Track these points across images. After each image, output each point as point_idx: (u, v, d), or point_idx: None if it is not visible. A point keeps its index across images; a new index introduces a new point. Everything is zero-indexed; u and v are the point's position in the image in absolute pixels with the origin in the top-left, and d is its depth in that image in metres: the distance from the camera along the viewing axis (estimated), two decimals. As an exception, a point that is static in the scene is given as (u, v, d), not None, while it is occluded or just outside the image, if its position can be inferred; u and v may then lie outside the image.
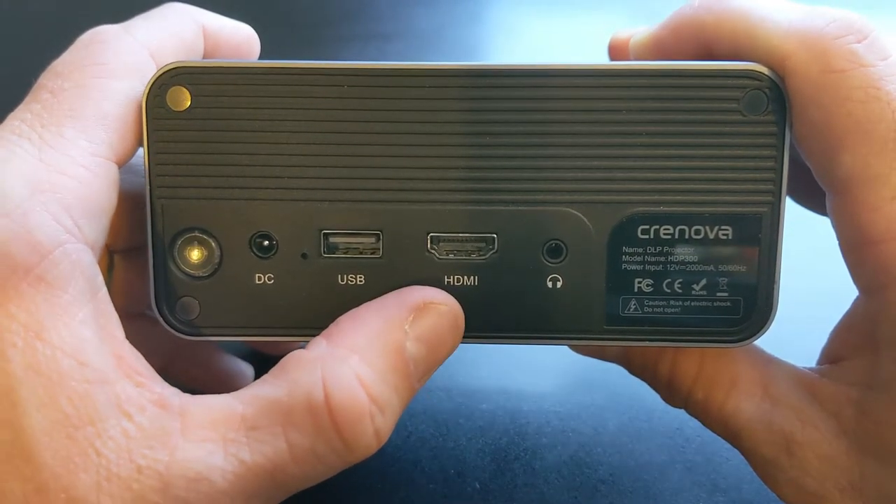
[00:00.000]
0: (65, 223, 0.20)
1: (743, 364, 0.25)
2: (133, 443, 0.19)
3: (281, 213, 0.24)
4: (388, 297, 0.23)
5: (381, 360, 0.22)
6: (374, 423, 0.21)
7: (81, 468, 0.19)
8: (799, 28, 0.22)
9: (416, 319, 0.23)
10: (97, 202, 0.21)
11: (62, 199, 0.20)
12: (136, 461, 0.19)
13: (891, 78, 0.21)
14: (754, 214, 0.24)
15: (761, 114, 0.23)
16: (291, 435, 0.20)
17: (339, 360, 0.21)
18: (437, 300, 0.23)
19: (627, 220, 0.24)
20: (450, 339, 0.23)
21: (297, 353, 0.22)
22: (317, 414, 0.20)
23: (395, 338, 0.22)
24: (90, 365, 0.19)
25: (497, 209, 0.24)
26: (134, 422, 0.19)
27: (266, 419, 0.20)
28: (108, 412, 0.19)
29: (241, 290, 0.24)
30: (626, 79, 0.23)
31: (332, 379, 0.21)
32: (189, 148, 0.24)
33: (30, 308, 0.19)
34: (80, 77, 0.22)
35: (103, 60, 0.23)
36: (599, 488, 0.29)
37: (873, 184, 0.21)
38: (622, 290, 0.24)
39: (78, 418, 0.19)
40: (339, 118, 0.23)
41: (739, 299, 0.24)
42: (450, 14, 0.57)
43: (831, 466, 0.23)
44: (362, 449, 0.21)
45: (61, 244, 0.20)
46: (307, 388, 0.21)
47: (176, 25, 0.25)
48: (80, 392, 0.19)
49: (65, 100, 0.22)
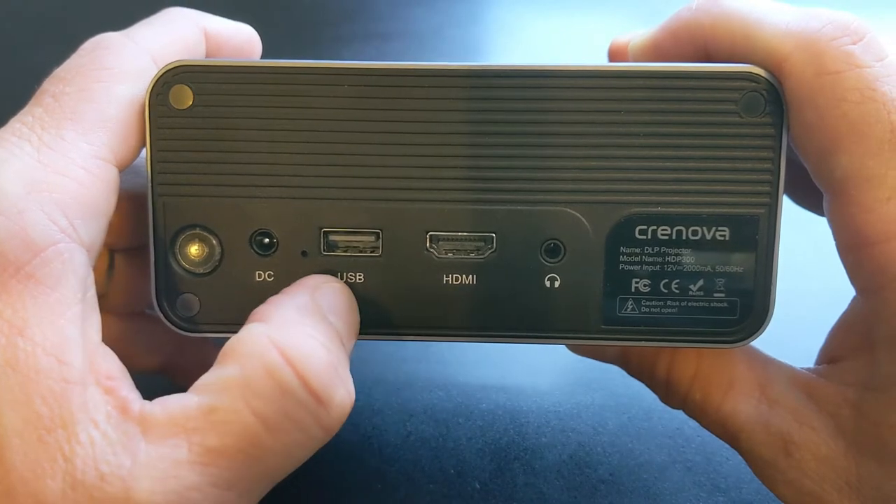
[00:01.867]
0: (60, 223, 0.20)
1: (740, 365, 0.25)
2: (97, 449, 0.19)
3: (281, 212, 0.24)
4: (288, 287, 0.24)
5: (316, 327, 0.22)
6: (339, 374, 0.21)
7: (49, 474, 0.18)
8: (795, 30, 0.22)
9: (321, 298, 0.23)
10: (95, 204, 0.21)
11: (58, 199, 0.20)
12: (100, 468, 0.19)
13: (887, 79, 0.21)
14: (751, 215, 0.24)
15: (759, 115, 0.23)
16: (256, 405, 0.20)
17: (279, 326, 0.21)
18: (325, 280, 0.24)
19: (625, 220, 0.24)
20: (353, 313, 0.24)
21: (234, 338, 0.21)
22: (280, 375, 0.20)
23: (317, 311, 0.22)
24: (71, 364, 0.19)
25: (496, 209, 0.24)
26: (99, 429, 0.19)
27: (225, 398, 0.20)
28: (79, 416, 0.19)
29: (241, 287, 0.24)
30: (624, 80, 0.23)
31: (284, 340, 0.21)
32: (191, 146, 0.24)
33: (16, 305, 0.19)
34: (82, 81, 0.23)
35: (106, 65, 0.23)
36: (599, 488, 0.29)
37: (869, 185, 0.21)
38: (620, 291, 0.24)
39: (50, 419, 0.19)
40: (339, 117, 0.24)
41: (736, 300, 0.24)
42: (449, 14, 0.57)
43: (829, 467, 0.23)
44: (338, 405, 0.21)
45: (54, 243, 0.20)
46: (260, 356, 0.20)
47: (178, 30, 0.25)
48: (56, 391, 0.19)
49: (66, 104, 0.22)
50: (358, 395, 0.23)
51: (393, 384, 0.34)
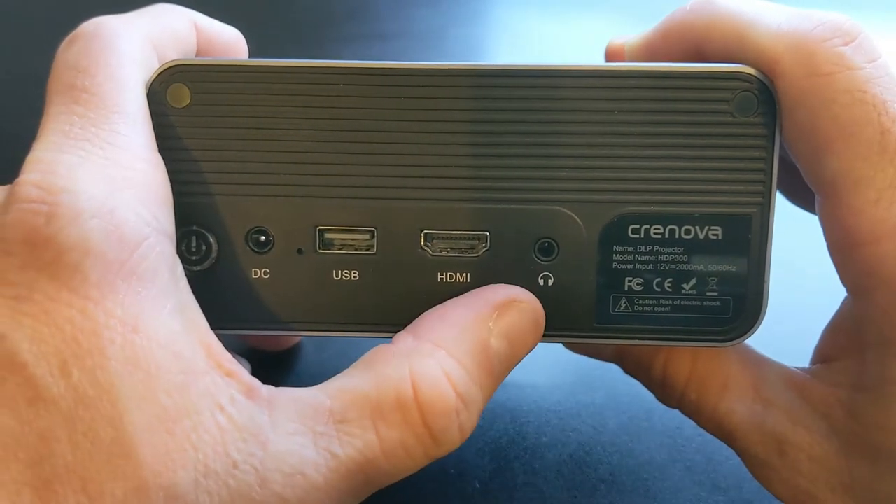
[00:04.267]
0: (145, 217, 0.20)
1: (735, 365, 0.25)
2: (227, 436, 0.19)
3: (277, 209, 0.24)
4: (473, 294, 0.24)
5: (466, 357, 0.22)
6: (460, 418, 0.21)
7: (180, 464, 0.18)
8: (787, 31, 0.22)
9: (499, 316, 0.23)
10: (163, 193, 0.22)
11: (136, 194, 0.20)
12: (232, 455, 0.19)
13: (878, 81, 0.21)
14: (744, 215, 0.24)
15: (751, 115, 0.23)
16: (381, 428, 0.20)
17: (425, 354, 0.22)
18: (520, 298, 0.24)
19: (618, 219, 0.24)
20: (531, 336, 0.24)
21: (383, 348, 0.22)
22: (405, 408, 0.21)
23: (480, 334, 0.22)
24: (183, 356, 0.19)
25: (490, 207, 0.24)
26: (226, 413, 0.19)
27: (354, 412, 0.20)
28: (202, 404, 0.19)
29: (237, 284, 0.25)
30: (617, 80, 0.23)
31: (420, 374, 0.21)
32: (188, 144, 0.24)
33: (125, 303, 0.19)
34: (108, 70, 0.22)
35: (123, 51, 0.23)
36: (599, 487, 0.29)
37: (858, 186, 0.21)
38: (613, 289, 0.24)
39: (176, 411, 0.19)
40: (335, 116, 0.24)
41: (729, 299, 0.24)
42: (449, 14, 0.57)
43: (822, 467, 0.23)
44: (447, 444, 0.21)
45: (146, 237, 0.20)
46: (396, 383, 0.21)
47: (171, 21, 0.25)
48: (177, 384, 0.19)
49: (104, 96, 0.22)
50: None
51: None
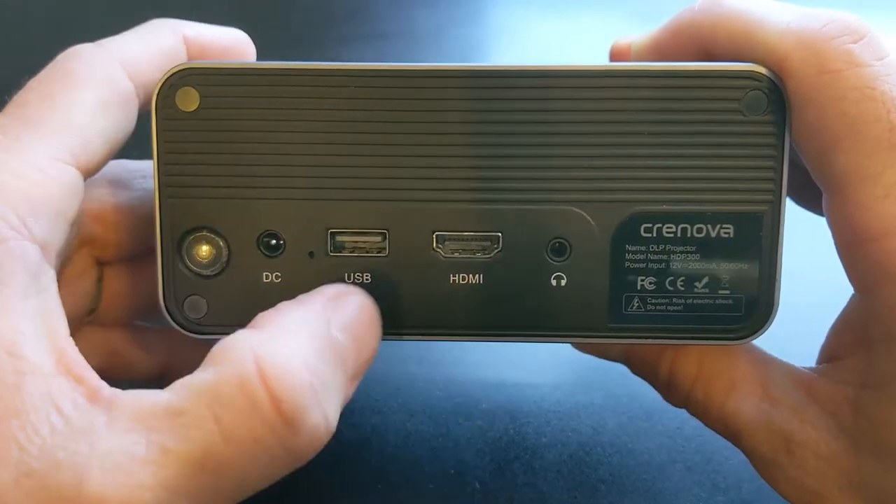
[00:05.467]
0: (10, 221, 0.20)
1: (742, 364, 0.25)
2: (58, 437, 0.18)
3: (288, 213, 0.24)
4: (304, 295, 0.23)
5: (311, 340, 0.21)
6: (318, 398, 0.20)
7: (2, 463, 0.18)
8: (796, 29, 0.22)
9: (335, 311, 0.22)
10: (51, 203, 0.21)
11: (9, 198, 0.20)
12: (56, 455, 0.18)
13: (887, 77, 0.21)
14: (755, 213, 0.24)
15: (761, 114, 0.23)
16: (221, 414, 0.19)
17: (269, 336, 0.21)
18: (351, 291, 0.23)
19: (630, 218, 0.24)
20: (370, 332, 0.23)
21: (224, 339, 0.21)
22: (250, 390, 0.19)
23: (320, 325, 0.22)
24: (24, 357, 0.19)
25: (501, 208, 0.24)
26: (63, 415, 0.19)
27: (192, 403, 0.19)
28: (37, 405, 0.19)
29: (248, 288, 0.24)
30: (627, 79, 0.23)
31: (265, 352, 0.20)
32: (197, 148, 0.24)
33: None
34: (46, 88, 0.23)
35: (71, 73, 0.23)
36: (599, 488, 0.29)
37: (866, 183, 0.21)
38: (625, 288, 0.24)
39: (4, 410, 0.18)
40: (345, 118, 0.24)
41: (741, 297, 0.24)
42: (450, 14, 0.57)
43: (830, 465, 0.23)
44: (305, 429, 0.20)
45: (4, 241, 0.20)
46: (237, 365, 0.20)
47: (152, 37, 0.25)
48: (9, 383, 0.19)
49: (28, 109, 0.22)
50: (358, 395, 0.23)
51: (393, 384, 0.34)
